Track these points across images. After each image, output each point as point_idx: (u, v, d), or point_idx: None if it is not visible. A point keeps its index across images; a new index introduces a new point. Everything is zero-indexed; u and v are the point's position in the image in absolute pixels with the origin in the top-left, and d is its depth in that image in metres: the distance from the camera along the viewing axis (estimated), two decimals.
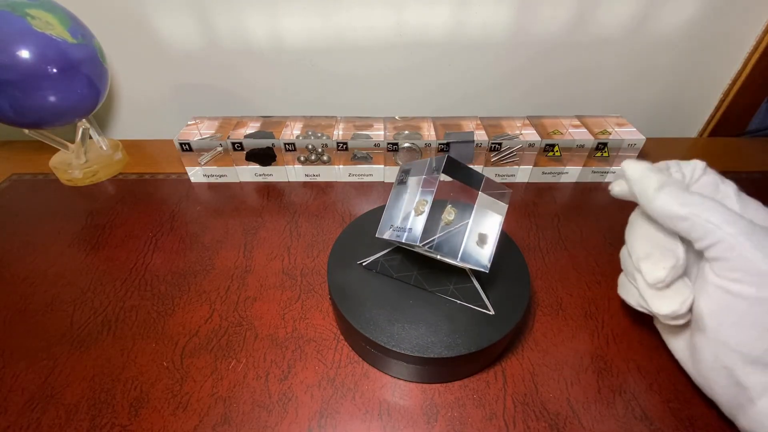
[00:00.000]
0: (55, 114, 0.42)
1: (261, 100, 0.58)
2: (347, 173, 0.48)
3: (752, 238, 0.21)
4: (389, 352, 0.26)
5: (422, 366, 0.27)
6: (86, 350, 0.31)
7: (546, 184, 0.48)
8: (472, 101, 0.58)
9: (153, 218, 0.43)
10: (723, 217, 0.22)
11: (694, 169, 0.26)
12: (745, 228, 0.21)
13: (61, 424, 0.27)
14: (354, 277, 0.30)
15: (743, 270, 0.21)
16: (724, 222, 0.21)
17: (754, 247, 0.21)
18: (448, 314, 0.28)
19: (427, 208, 0.25)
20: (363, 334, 0.27)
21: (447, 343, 0.26)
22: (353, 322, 0.27)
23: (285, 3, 0.49)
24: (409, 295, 0.29)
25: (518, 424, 0.27)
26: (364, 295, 0.29)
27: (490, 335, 0.27)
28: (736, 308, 0.22)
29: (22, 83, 0.38)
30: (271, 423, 0.27)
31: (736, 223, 0.21)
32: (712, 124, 0.60)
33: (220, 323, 0.33)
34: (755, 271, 0.21)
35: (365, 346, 0.28)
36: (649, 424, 0.27)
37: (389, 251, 0.31)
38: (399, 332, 0.27)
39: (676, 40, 0.52)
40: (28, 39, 0.38)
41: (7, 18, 0.37)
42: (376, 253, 0.31)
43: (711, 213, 0.22)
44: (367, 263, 0.31)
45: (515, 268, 0.31)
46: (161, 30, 0.51)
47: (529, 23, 0.51)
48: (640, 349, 0.31)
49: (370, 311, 0.28)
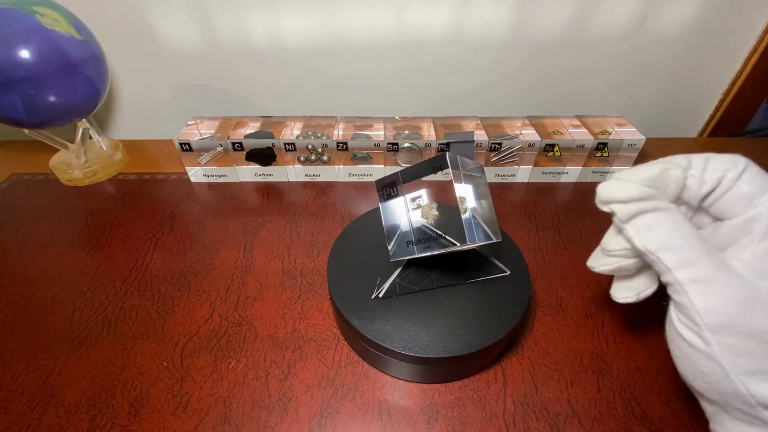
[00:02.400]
0: (62, 112, 0.42)
1: (261, 100, 0.58)
2: (347, 173, 0.48)
3: (706, 287, 0.19)
4: (389, 352, 0.26)
5: (422, 366, 0.27)
6: (86, 350, 0.31)
7: (546, 184, 0.48)
8: (472, 101, 0.58)
9: (153, 218, 0.43)
10: (679, 260, 0.20)
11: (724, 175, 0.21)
12: (701, 275, 0.19)
13: (61, 424, 0.27)
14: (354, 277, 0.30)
15: (688, 317, 0.20)
16: (676, 266, 0.20)
17: (703, 299, 0.19)
18: (448, 314, 0.28)
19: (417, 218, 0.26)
20: (363, 334, 0.27)
21: (447, 343, 0.26)
22: (353, 322, 0.27)
23: (285, 3, 0.49)
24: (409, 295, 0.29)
25: (518, 424, 0.27)
26: (365, 294, 0.29)
27: (490, 335, 0.27)
28: (684, 351, 0.21)
29: (35, 80, 0.38)
30: (271, 423, 0.27)
31: (694, 266, 0.19)
32: (712, 124, 0.60)
33: (220, 323, 0.33)
34: (697, 322, 0.19)
35: (365, 346, 0.28)
36: (649, 424, 0.27)
37: (401, 270, 0.30)
38: (399, 332, 0.27)
39: (676, 40, 0.52)
40: (39, 36, 0.38)
41: (16, 16, 0.37)
42: (386, 279, 0.29)
43: (668, 253, 0.20)
44: (383, 293, 0.29)
45: (515, 268, 0.31)
46: (161, 30, 0.51)
47: (529, 23, 0.51)
48: (640, 349, 0.31)
49: (370, 311, 0.28)
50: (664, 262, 0.20)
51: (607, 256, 0.25)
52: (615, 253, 0.24)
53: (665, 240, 0.20)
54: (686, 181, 0.22)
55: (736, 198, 0.21)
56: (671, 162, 0.22)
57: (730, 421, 0.21)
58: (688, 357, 0.20)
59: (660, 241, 0.20)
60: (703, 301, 0.19)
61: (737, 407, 0.20)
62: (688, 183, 0.22)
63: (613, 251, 0.24)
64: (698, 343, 0.20)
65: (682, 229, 0.20)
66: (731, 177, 0.21)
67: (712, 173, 0.22)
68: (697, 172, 0.22)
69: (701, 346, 0.19)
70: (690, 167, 0.22)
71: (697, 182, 0.22)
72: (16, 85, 0.38)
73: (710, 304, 0.19)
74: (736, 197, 0.21)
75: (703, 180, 0.22)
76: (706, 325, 0.19)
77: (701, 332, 0.19)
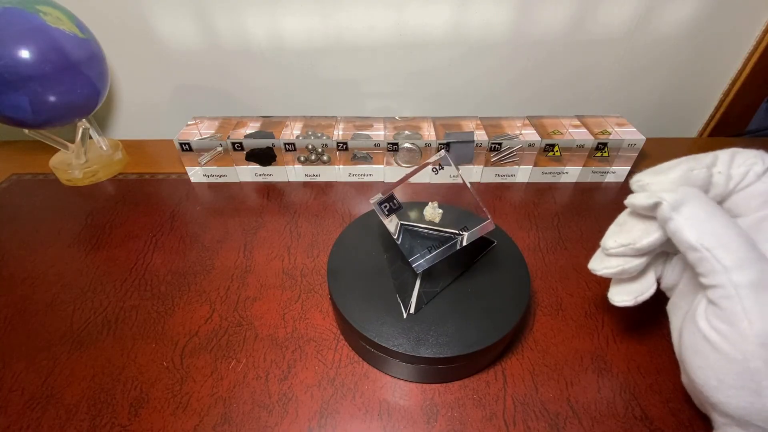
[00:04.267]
0: (65, 111, 0.42)
1: (261, 100, 0.58)
2: (347, 173, 0.48)
3: (761, 294, 0.17)
4: (389, 352, 0.26)
5: (422, 366, 0.27)
6: (86, 350, 0.31)
7: (546, 184, 0.48)
8: (472, 101, 0.58)
9: (153, 218, 0.43)
10: (737, 260, 0.18)
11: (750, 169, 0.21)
12: (757, 280, 0.18)
13: (61, 424, 0.27)
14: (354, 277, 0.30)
15: (731, 326, 0.18)
16: (735, 266, 0.18)
17: (756, 306, 0.17)
18: (448, 314, 0.28)
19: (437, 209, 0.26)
20: (363, 334, 0.27)
21: (447, 343, 0.26)
22: (353, 322, 0.27)
23: (285, 3, 0.49)
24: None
25: (518, 424, 0.27)
26: (365, 295, 0.29)
27: (490, 335, 0.27)
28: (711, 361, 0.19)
29: (42, 78, 0.39)
30: (271, 423, 0.27)
31: (750, 270, 0.18)
32: (712, 124, 0.60)
33: (220, 323, 0.33)
34: (744, 332, 0.18)
35: (365, 346, 0.28)
36: (649, 424, 0.27)
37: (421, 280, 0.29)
38: (399, 332, 0.27)
39: (676, 40, 0.52)
40: (44, 35, 0.38)
41: (22, 15, 0.38)
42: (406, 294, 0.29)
43: (725, 252, 0.18)
44: (413, 307, 0.28)
45: (515, 268, 0.31)
46: (161, 30, 0.51)
47: (529, 23, 0.51)
48: (640, 349, 0.31)
49: (371, 311, 0.28)
50: (722, 262, 0.18)
51: (608, 258, 0.24)
52: (614, 251, 0.23)
53: (723, 237, 0.18)
54: (712, 178, 0.21)
55: (755, 194, 0.21)
56: (696, 161, 0.21)
57: None
58: (715, 369, 0.19)
59: (718, 238, 0.18)
60: (759, 308, 0.17)
61: (754, 423, 0.19)
62: (715, 180, 0.21)
63: (612, 249, 0.23)
64: (736, 355, 0.18)
65: (737, 227, 0.19)
66: (757, 171, 0.21)
67: (738, 168, 0.21)
68: (724, 168, 0.21)
69: (738, 359, 0.18)
70: (716, 164, 0.21)
71: (724, 179, 0.21)
72: (24, 83, 0.38)
73: (759, 315, 0.17)
74: (755, 193, 0.21)
75: (730, 176, 0.21)
76: (757, 337, 0.17)
77: (744, 344, 0.18)
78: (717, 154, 0.21)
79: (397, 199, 0.27)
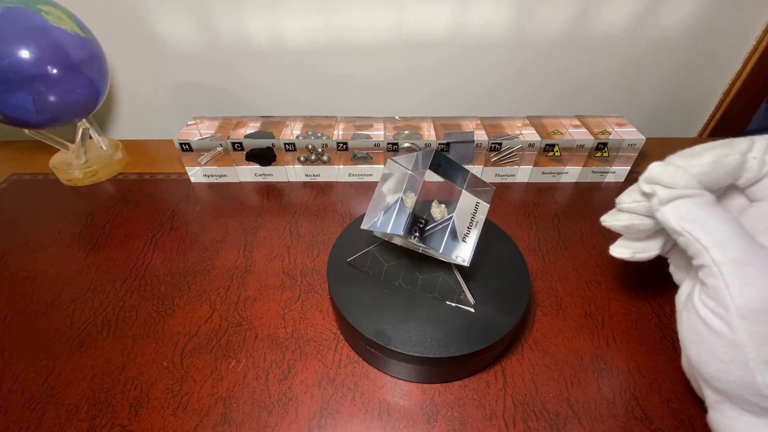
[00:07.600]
0: (67, 111, 0.42)
1: (261, 100, 0.58)
2: (347, 173, 0.48)
3: (744, 270, 0.19)
4: (389, 352, 0.26)
5: (422, 366, 0.27)
6: (86, 350, 0.31)
7: (546, 184, 0.48)
8: (471, 101, 0.58)
9: (153, 218, 0.43)
10: (717, 240, 0.19)
11: None
12: (739, 257, 0.19)
13: (61, 424, 0.27)
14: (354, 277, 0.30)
15: (717, 301, 0.19)
16: (715, 245, 0.19)
17: (740, 282, 0.19)
18: (448, 314, 0.28)
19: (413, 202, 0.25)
20: (363, 334, 0.27)
21: (447, 343, 0.26)
22: (353, 322, 0.27)
23: (285, 3, 0.49)
24: (409, 295, 0.29)
25: (518, 424, 0.27)
26: (365, 295, 0.29)
27: (490, 335, 0.27)
28: (703, 336, 0.20)
29: (45, 77, 0.39)
30: (271, 423, 0.27)
31: (731, 249, 0.19)
32: (712, 124, 0.60)
33: (220, 323, 0.33)
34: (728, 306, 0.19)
35: (365, 346, 0.28)
36: (649, 424, 0.27)
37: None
38: (399, 332, 0.27)
39: (676, 40, 0.52)
40: (47, 34, 0.39)
41: (25, 14, 0.38)
42: (455, 292, 0.29)
43: (705, 233, 0.20)
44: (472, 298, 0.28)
45: (515, 268, 0.31)
46: (161, 30, 0.51)
47: (529, 23, 0.51)
48: (640, 349, 0.31)
49: (370, 311, 0.28)
50: (702, 241, 0.20)
51: (620, 213, 0.25)
52: (626, 206, 0.25)
53: (704, 221, 0.20)
54: (746, 164, 0.22)
55: None
56: (730, 147, 0.22)
57: (732, 411, 0.21)
58: (707, 343, 0.20)
59: (699, 222, 0.20)
60: (739, 283, 0.19)
61: (746, 398, 0.20)
62: (749, 165, 0.22)
63: (625, 203, 0.25)
64: (722, 328, 0.19)
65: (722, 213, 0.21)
66: None
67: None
68: (759, 153, 0.22)
69: (725, 332, 0.19)
70: (751, 149, 0.22)
71: (758, 164, 0.22)
72: (28, 83, 0.38)
73: (746, 288, 0.19)
74: None
75: (764, 161, 0.22)
76: (738, 310, 0.19)
77: (729, 317, 0.19)
78: (754, 140, 0.22)
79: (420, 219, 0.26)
